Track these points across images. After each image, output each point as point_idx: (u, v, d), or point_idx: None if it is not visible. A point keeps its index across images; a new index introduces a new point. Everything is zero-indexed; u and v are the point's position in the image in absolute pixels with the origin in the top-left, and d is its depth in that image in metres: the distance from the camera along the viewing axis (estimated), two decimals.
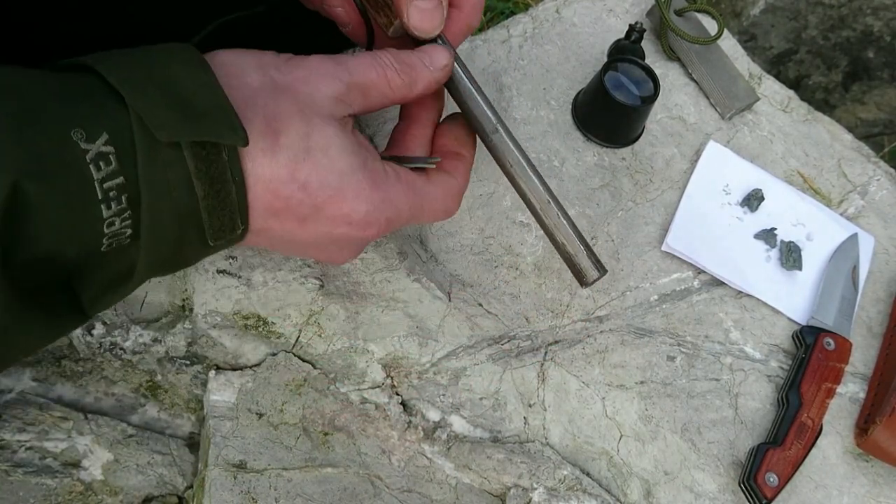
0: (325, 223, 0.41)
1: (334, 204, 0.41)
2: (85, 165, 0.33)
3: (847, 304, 0.66)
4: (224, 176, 0.37)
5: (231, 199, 0.38)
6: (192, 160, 0.36)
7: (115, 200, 0.34)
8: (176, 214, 0.36)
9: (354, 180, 0.41)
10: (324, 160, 0.40)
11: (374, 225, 0.43)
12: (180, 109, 0.35)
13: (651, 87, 0.67)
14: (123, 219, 0.34)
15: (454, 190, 0.49)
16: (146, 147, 0.34)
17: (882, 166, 0.75)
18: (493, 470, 0.55)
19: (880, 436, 0.60)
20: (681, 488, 0.58)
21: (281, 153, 0.39)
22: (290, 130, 0.39)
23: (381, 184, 0.43)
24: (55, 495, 0.51)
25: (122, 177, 0.34)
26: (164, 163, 0.35)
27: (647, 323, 0.63)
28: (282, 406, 0.54)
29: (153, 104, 0.35)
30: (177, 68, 0.37)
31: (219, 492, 0.51)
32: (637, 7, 0.77)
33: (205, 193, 0.36)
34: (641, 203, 0.68)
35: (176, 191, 0.36)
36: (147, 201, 0.35)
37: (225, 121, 0.36)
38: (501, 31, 0.73)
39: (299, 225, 0.41)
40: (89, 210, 0.34)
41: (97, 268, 0.36)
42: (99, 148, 0.33)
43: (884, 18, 1.32)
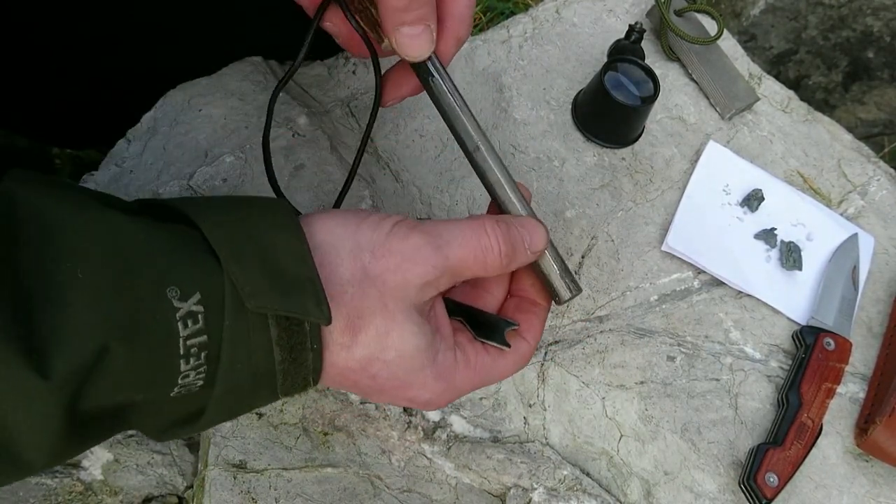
0: (388, 398, 0.43)
1: (399, 391, 0.42)
2: (174, 323, 0.34)
3: (847, 304, 0.66)
4: (304, 345, 0.38)
5: (307, 366, 0.38)
6: (276, 329, 0.36)
7: (195, 357, 0.34)
8: (252, 375, 0.37)
9: (422, 376, 0.42)
10: (397, 360, 0.41)
11: (433, 406, 0.44)
12: (271, 280, 0.36)
13: (651, 87, 0.67)
14: (199, 373, 0.35)
15: (525, 355, 0.48)
16: (234, 311, 0.35)
17: (882, 166, 0.75)
18: (493, 470, 0.55)
19: (880, 436, 0.60)
20: (681, 488, 0.58)
21: (357, 350, 0.40)
22: (370, 329, 0.40)
23: (448, 376, 0.44)
24: (55, 495, 0.51)
25: (205, 336, 0.34)
26: (248, 328, 0.36)
27: (647, 323, 0.63)
28: (282, 406, 0.54)
29: (247, 272, 0.35)
30: (273, 235, 0.37)
31: (219, 492, 0.51)
32: (637, 7, 0.77)
33: (282, 359, 0.37)
34: (641, 203, 0.68)
35: (256, 354, 0.36)
36: (227, 362, 0.35)
37: (312, 297, 0.37)
38: (501, 31, 0.73)
39: (363, 395, 0.44)
40: (169, 364, 0.34)
41: (160, 410, 0.37)
42: (190, 307, 0.34)
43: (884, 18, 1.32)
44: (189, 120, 0.62)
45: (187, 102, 0.64)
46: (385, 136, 0.66)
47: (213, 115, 0.63)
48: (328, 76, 0.68)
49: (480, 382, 0.46)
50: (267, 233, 0.37)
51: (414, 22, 0.43)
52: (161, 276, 0.34)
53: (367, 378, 0.41)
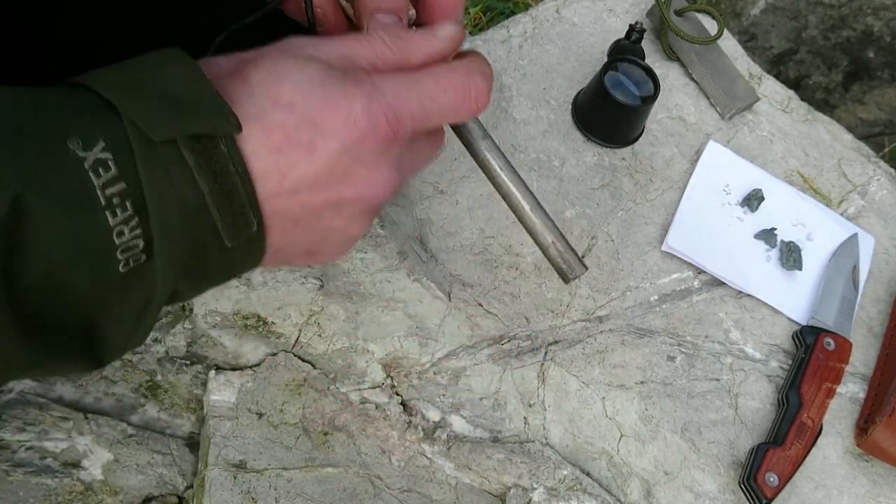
0: (333, 136, 0.39)
1: (328, 112, 0.39)
2: (84, 172, 0.33)
3: (847, 304, 0.66)
4: (227, 168, 0.37)
5: (238, 192, 0.37)
6: (191, 155, 0.35)
7: (120, 207, 0.33)
8: (184, 213, 0.36)
9: (339, 85, 0.39)
10: (301, 77, 0.39)
11: (380, 119, 0.39)
12: (170, 107, 0.35)
13: (651, 87, 0.67)
14: (132, 227, 0.34)
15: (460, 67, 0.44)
16: (143, 150, 0.34)
17: (882, 166, 0.75)
18: (493, 470, 0.55)
19: (880, 436, 0.60)
20: (681, 488, 0.58)
21: (255, 88, 0.38)
22: (259, 67, 0.39)
23: (366, 79, 0.40)
24: (55, 495, 0.51)
25: (123, 182, 0.34)
26: (163, 162, 0.35)
27: (647, 323, 0.63)
28: (282, 406, 0.54)
29: (144, 106, 0.35)
30: (165, 69, 0.37)
31: (219, 492, 0.51)
32: (637, 7, 0.77)
33: (210, 188, 0.36)
34: (641, 203, 0.68)
35: (180, 188, 0.35)
36: (152, 203, 0.34)
37: (217, 111, 0.36)
38: (501, 31, 0.73)
39: (308, 152, 0.39)
40: (94, 218, 0.33)
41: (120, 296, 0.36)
42: (96, 155, 0.33)
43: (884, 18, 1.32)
44: None
45: None
46: None
47: None
48: None
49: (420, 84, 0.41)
50: (158, 69, 0.36)
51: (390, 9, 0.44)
52: (59, 129, 0.33)
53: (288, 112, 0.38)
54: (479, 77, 0.44)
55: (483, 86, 0.44)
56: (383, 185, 0.41)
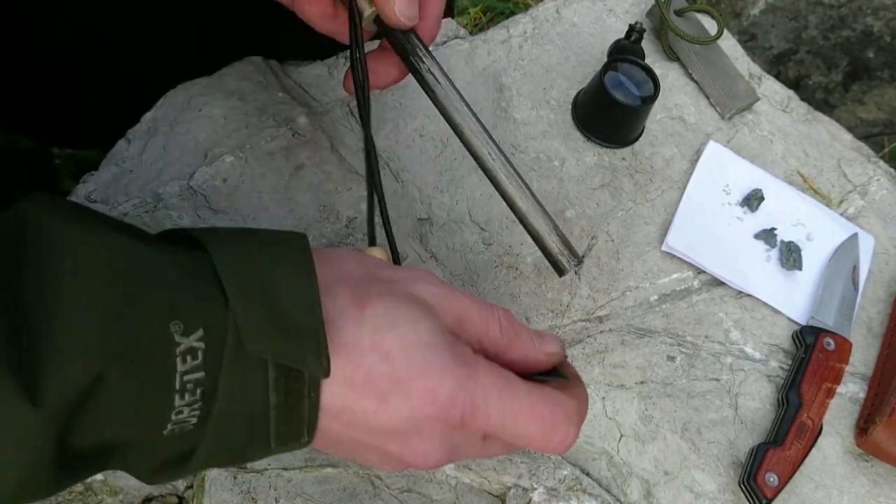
0: (407, 400, 0.38)
1: (418, 378, 0.38)
2: (173, 357, 0.32)
3: (847, 304, 0.66)
4: (300, 392, 0.36)
5: (302, 414, 0.37)
6: (274, 372, 0.35)
7: (190, 392, 0.33)
8: (246, 416, 0.35)
9: (441, 356, 0.39)
10: (411, 333, 0.38)
11: (458, 405, 0.39)
12: (275, 326, 0.35)
13: (651, 87, 0.67)
14: (193, 409, 0.34)
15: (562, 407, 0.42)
16: (235, 350, 0.34)
17: (882, 166, 0.75)
18: (493, 470, 0.55)
19: (880, 436, 0.60)
20: (681, 488, 0.58)
21: (366, 322, 0.38)
22: (378, 303, 0.38)
23: (469, 362, 0.40)
24: (55, 495, 0.51)
25: (203, 372, 0.33)
26: (246, 368, 0.34)
27: (647, 323, 0.63)
28: None
29: (252, 314, 0.34)
30: (283, 274, 0.36)
31: (219, 492, 0.51)
32: (637, 7, 0.77)
33: (277, 403, 0.36)
34: (641, 203, 0.68)
35: (251, 395, 0.35)
36: (222, 400, 0.34)
37: (313, 347, 0.35)
38: (501, 31, 0.73)
39: (379, 403, 0.38)
40: (164, 399, 0.33)
41: (152, 449, 0.35)
42: (191, 343, 0.33)
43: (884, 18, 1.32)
44: (189, 120, 0.62)
45: (187, 102, 0.64)
46: (385, 136, 0.66)
47: (212, 115, 0.63)
48: (328, 76, 0.68)
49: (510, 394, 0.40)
50: (278, 269, 0.36)
51: None
52: (166, 308, 0.33)
53: (381, 361, 0.37)
54: (571, 425, 0.42)
55: (571, 434, 0.42)
56: (427, 459, 0.41)
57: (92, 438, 0.33)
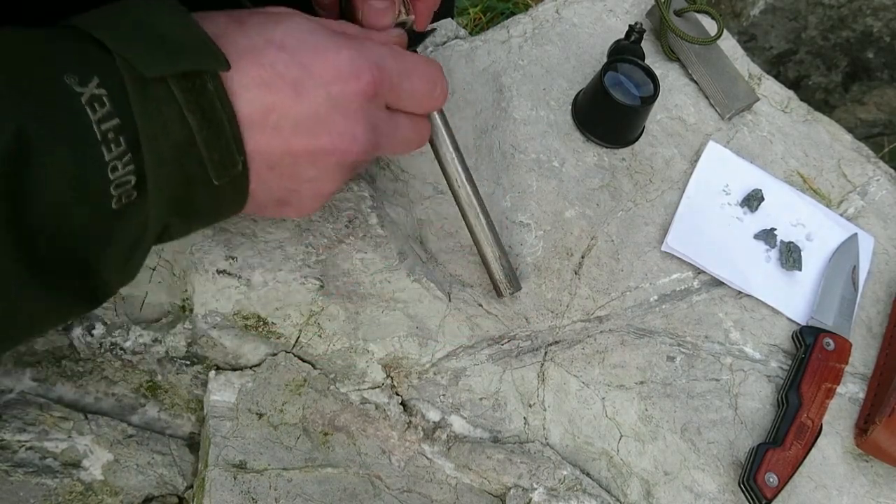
0: (318, 83, 0.41)
1: (318, 57, 0.41)
2: (81, 107, 0.34)
3: (847, 304, 0.66)
4: (213, 105, 0.38)
5: (225, 130, 0.38)
6: (181, 93, 0.37)
7: (115, 142, 0.34)
8: (175, 149, 0.37)
9: (330, 36, 0.42)
10: (294, 24, 0.42)
11: (363, 71, 0.42)
12: (162, 46, 0.36)
13: (651, 88, 0.67)
14: (125, 162, 0.35)
15: (436, 65, 0.48)
16: (136, 87, 0.35)
17: (882, 166, 0.75)
18: (493, 470, 0.55)
19: (880, 436, 0.60)
20: (681, 488, 0.58)
21: (250, 29, 0.40)
22: (255, 17, 0.41)
23: (356, 37, 0.44)
24: (55, 495, 0.51)
25: (117, 118, 0.34)
26: (155, 99, 0.36)
27: (647, 323, 0.63)
28: (282, 406, 0.54)
29: (135, 45, 0.36)
30: (154, 14, 0.38)
31: (219, 492, 0.51)
32: (637, 7, 0.77)
33: (199, 125, 0.37)
34: (641, 203, 0.68)
35: (171, 125, 0.36)
36: (145, 139, 0.35)
37: (205, 50, 0.38)
38: (501, 31, 0.73)
39: (295, 92, 0.41)
40: (91, 153, 0.34)
41: (113, 232, 0.36)
42: (92, 90, 0.34)
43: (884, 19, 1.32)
44: None
45: None
46: None
47: None
48: None
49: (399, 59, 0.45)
50: (146, 12, 0.38)
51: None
52: (55, 65, 0.34)
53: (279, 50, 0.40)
54: (444, 79, 0.48)
55: (445, 87, 0.49)
56: (358, 141, 0.43)
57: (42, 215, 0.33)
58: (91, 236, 0.35)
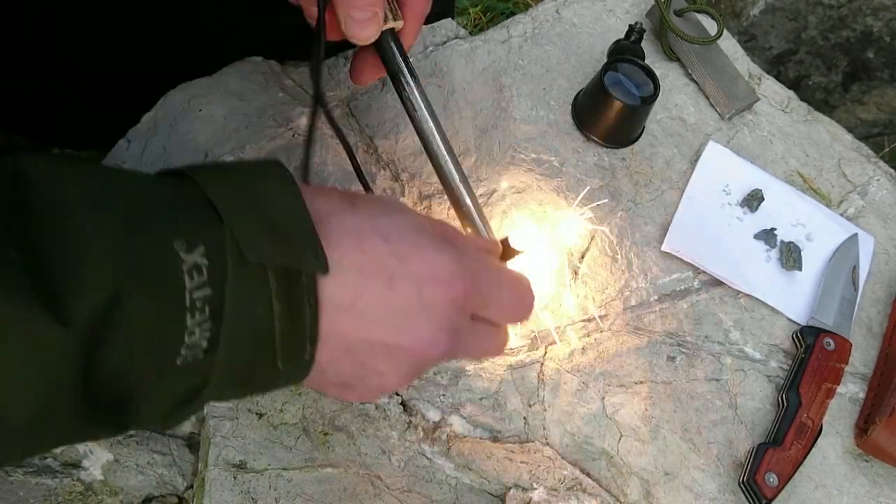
0: (413, 280, 0.41)
1: (418, 255, 0.41)
2: (181, 274, 0.34)
3: (847, 304, 0.66)
4: (301, 299, 0.38)
5: (304, 323, 0.38)
6: (275, 281, 0.36)
7: (200, 311, 0.34)
8: (253, 331, 0.37)
9: (432, 237, 0.42)
10: (402, 218, 0.42)
11: (460, 279, 0.42)
12: (270, 233, 0.36)
13: (651, 88, 0.67)
14: (203, 329, 0.35)
15: (526, 279, 0.48)
16: (236, 265, 0.35)
17: (882, 166, 0.75)
18: (493, 470, 0.55)
19: (880, 436, 0.60)
20: (681, 488, 0.58)
21: (360, 213, 0.41)
22: (367, 201, 0.42)
23: (457, 243, 0.44)
24: (55, 495, 0.51)
25: (209, 288, 0.34)
26: (249, 281, 0.36)
27: (647, 323, 0.63)
28: (282, 406, 0.54)
29: (246, 225, 0.36)
30: (268, 188, 0.38)
31: (219, 492, 0.51)
32: (637, 7, 0.77)
33: (281, 314, 0.37)
34: (641, 203, 0.68)
35: (256, 308, 0.36)
36: (229, 314, 0.35)
37: (310, 248, 0.37)
38: (501, 31, 0.73)
39: (387, 284, 0.40)
40: (177, 319, 0.34)
41: (167, 384, 0.36)
42: (195, 259, 0.34)
43: (884, 19, 1.32)
44: (189, 120, 0.62)
45: (187, 102, 0.64)
46: (385, 136, 0.66)
47: (213, 115, 0.63)
48: (328, 76, 0.68)
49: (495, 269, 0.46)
50: (264, 187, 0.38)
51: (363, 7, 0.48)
52: (168, 229, 0.34)
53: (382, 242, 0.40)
54: (531, 294, 0.48)
55: (532, 302, 0.48)
56: (438, 347, 0.43)
57: (114, 369, 0.33)
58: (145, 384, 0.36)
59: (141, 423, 0.38)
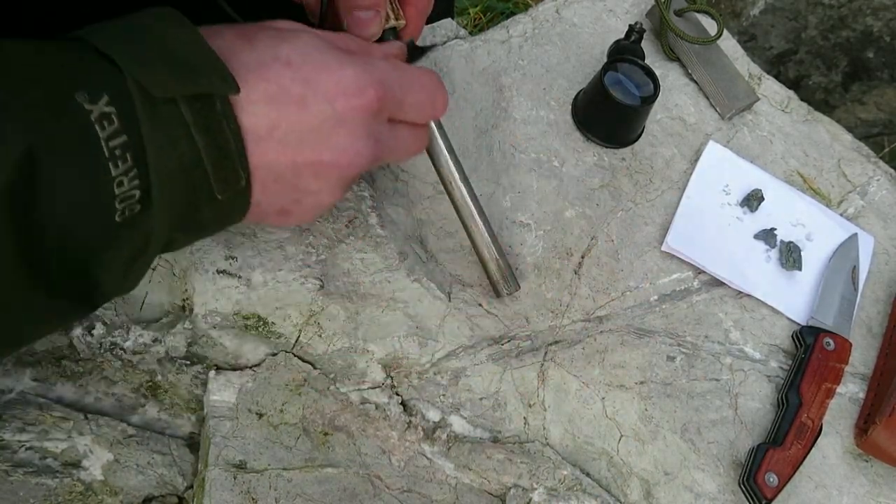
0: (323, 99, 0.42)
1: (324, 73, 0.42)
2: (90, 125, 0.34)
3: (847, 304, 0.66)
4: (220, 125, 0.38)
5: (230, 148, 0.39)
6: (190, 114, 0.37)
7: (122, 159, 0.35)
8: (181, 168, 0.37)
9: (334, 54, 0.43)
10: (298, 41, 0.43)
11: (368, 88, 0.43)
12: (173, 66, 0.37)
13: (651, 88, 0.67)
14: (131, 178, 0.35)
15: (435, 74, 0.49)
16: (145, 106, 0.36)
17: (882, 166, 0.75)
18: (493, 470, 0.55)
19: (880, 436, 0.60)
20: (681, 488, 0.58)
21: (258, 46, 0.41)
22: (263, 32, 0.42)
23: (361, 52, 0.45)
24: (55, 495, 0.51)
25: (125, 135, 0.35)
26: (163, 119, 0.36)
27: (647, 323, 0.63)
28: (282, 406, 0.54)
29: (147, 64, 0.36)
30: (163, 29, 0.38)
31: (219, 492, 0.51)
32: (637, 7, 0.77)
33: (206, 145, 0.38)
34: (641, 203, 0.68)
35: (178, 144, 0.37)
36: (152, 156, 0.36)
37: (217, 73, 0.38)
38: (501, 31, 0.73)
39: (300, 107, 0.41)
40: (99, 171, 0.34)
41: (115, 243, 0.37)
42: (101, 108, 0.34)
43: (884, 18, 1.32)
44: None
45: None
46: None
47: None
48: None
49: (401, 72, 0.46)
50: (156, 27, 0.38)
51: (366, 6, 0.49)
52: (66, 82, 0.34)
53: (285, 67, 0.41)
54: (443, 88, 0.50)
55: (445, 97, 0.50)
56: (361, 155, 0.44)
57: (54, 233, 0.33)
58: (93, 246, 0.36)
59: (103, 292, 0.38)
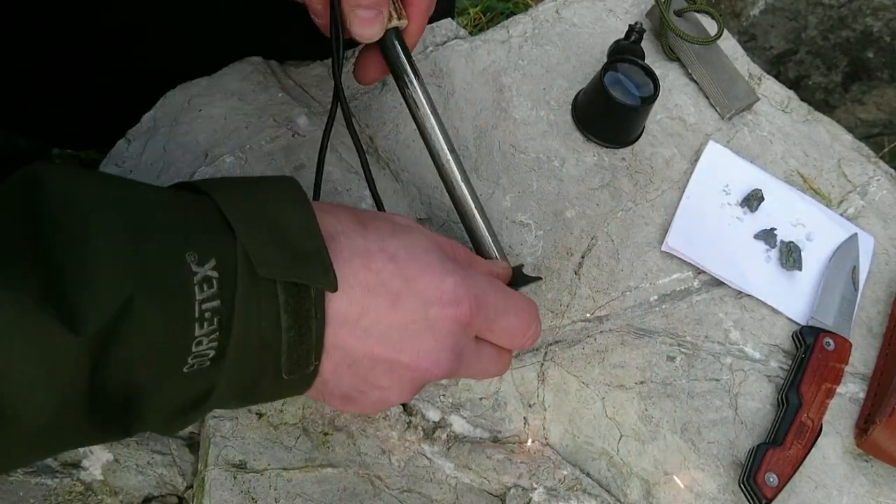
0: (418, 299, 0.42)
1: (424, 276, 0.42)
2: (192, 286, 0.35)
3: (847, 304, 0.66)
4: (309, 313, 0.38)
5: (310, 336, 0.39)
6: (284, 295, 0.37)
7: (209, 322, 0.35)
8: (260, 343, 0.37)
9: (440, 258, 0.43)
10: (410, 240, 0.43)
11: (464, 300, 0.43)
12: (282, 249, 0.37)
13: (651, 88, 0.67)
14: (211, 339, 0.36)
15: (534, 305, 0.49)
16: (246, 278, 0.36)
17: (882, 166, 0.75)
18: (493, 470, 0.55)
19: (880, 436, 0.60)
20: (681, 488, 0.58)
21: (369, 234, 0.42)
22: (377, 222, 0.43)
23: (464, 265, 0.45)
24: (55, 495, 0.51)
25: (219, 300, 0.35)
26: (259, 294, 0.37)
27: (647, 323, 0.63)
28: (282, 406, 0.54)
29: (259, 241, 0.37)
30: (282, 205, 0.39)
31: (219, 492, 0.51)
32: (637, 7, 0.77)
33: (289, 326, 0.38)
34: (641, 203, 0.68)
35: (265, 320, 0.37)
36: (238, 326, 0.36)
37: (320, 265, 0.38)
38: (501, 31, 0.73)
39: (392, 303, 0.41)
40: (186, 328, 0.35)
41: (172, 391, 0.37)
42: (206, 272, 0.35)
43: (884, 19, 1.32)
44: (189, 120, 0.62)
45: (187, 102, 0.64)
46: (385, 136, 0.66)
47: (213, 115, 0.63)
48: (328, 76, 0.68)
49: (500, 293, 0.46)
50: (276, 204, 0.39)
51: (369, 6, 0.49)
52: (180, 241, 0.35)
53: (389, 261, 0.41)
54: (538, 321, 0.49)
55: (538, 329, 0.49)
56: (440, 365, 0.44)
57: (121, 375, 0.34)
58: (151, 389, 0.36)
59: (145, 428, 0.39)
